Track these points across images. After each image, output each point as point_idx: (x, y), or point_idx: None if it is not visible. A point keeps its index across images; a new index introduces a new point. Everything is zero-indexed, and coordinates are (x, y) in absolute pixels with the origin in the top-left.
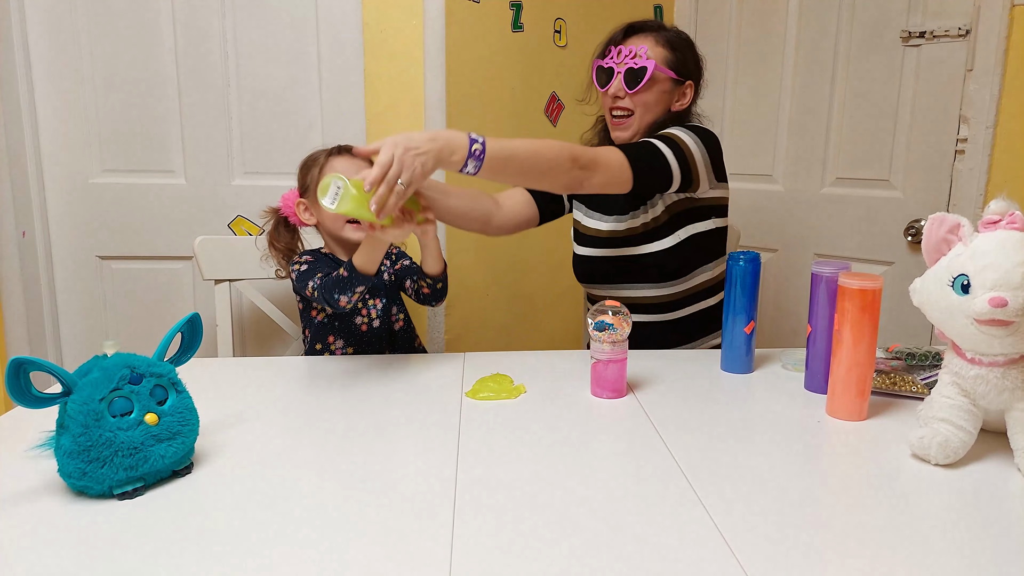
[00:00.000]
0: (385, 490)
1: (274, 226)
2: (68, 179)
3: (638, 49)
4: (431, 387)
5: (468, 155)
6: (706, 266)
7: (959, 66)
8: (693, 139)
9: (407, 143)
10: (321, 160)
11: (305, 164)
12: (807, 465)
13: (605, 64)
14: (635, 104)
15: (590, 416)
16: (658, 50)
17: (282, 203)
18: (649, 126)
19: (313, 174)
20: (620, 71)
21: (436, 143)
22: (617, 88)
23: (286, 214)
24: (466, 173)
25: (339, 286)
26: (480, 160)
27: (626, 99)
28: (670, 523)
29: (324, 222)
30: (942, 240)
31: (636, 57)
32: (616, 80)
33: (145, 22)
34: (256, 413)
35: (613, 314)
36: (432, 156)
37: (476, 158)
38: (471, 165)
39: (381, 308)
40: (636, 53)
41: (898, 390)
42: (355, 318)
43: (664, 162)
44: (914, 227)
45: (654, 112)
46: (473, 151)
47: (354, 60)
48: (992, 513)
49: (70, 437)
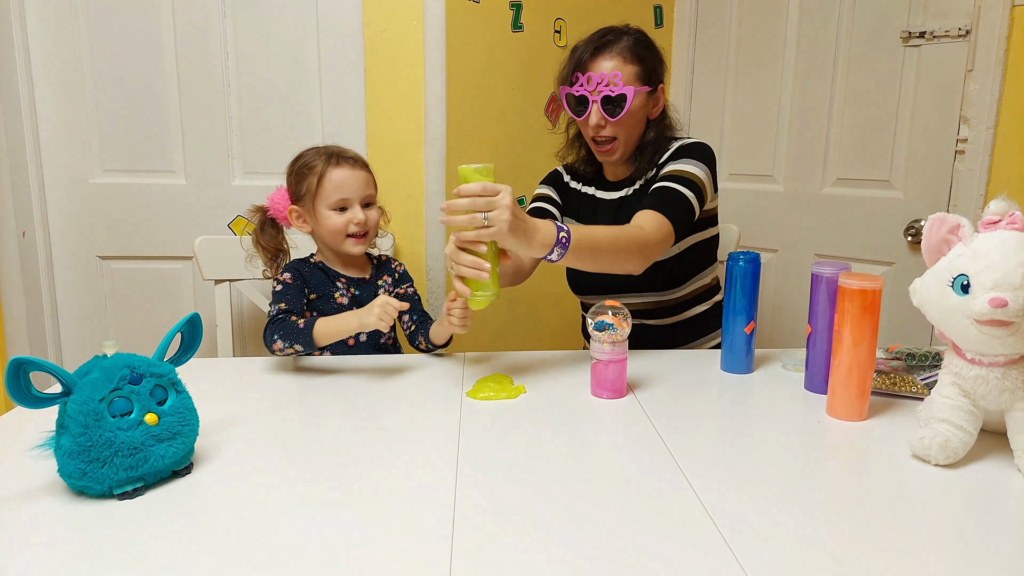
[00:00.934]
0: (385, 490)
1: (260, 225)
2: (68, 179)
3: (610, 76)
4: (431, 387)
5: (556, 243)
6: (702, 273)
7: (959, 66)
8: (702, 169)
9: (514, 202)
10: (319, 169)
11: (299, 171)
12: (807, 465)
13: (576, 92)
14: (618, 131)
15: (590, 416)
16: (628, 68)
17: (269, 203)
18: (635, 144)
19: (310, 183)
20: (595, 99)
21: (527, 218)
22: (598, 118)
23: (273, 215)
24: (547, 259)
25: (284, 333)
26: (565, 247)
27: (608, 127)
28: (670, 523)
29: (322, 233)
30: (942, 240)
31: (611, 84)
32: (594, 109)
33: (145, 22)
34: (256, 413)
35: (613, 314)
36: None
37: (562, 246)
38: (556, 252)
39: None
40: (609, 80)
41: (898, 390)
42: None
43: (690, 207)
44: (914, 227)
45: (637, 131)
46: (560, 239)
47: (354, 60)
48: (992, 513)
49: (70, 437)
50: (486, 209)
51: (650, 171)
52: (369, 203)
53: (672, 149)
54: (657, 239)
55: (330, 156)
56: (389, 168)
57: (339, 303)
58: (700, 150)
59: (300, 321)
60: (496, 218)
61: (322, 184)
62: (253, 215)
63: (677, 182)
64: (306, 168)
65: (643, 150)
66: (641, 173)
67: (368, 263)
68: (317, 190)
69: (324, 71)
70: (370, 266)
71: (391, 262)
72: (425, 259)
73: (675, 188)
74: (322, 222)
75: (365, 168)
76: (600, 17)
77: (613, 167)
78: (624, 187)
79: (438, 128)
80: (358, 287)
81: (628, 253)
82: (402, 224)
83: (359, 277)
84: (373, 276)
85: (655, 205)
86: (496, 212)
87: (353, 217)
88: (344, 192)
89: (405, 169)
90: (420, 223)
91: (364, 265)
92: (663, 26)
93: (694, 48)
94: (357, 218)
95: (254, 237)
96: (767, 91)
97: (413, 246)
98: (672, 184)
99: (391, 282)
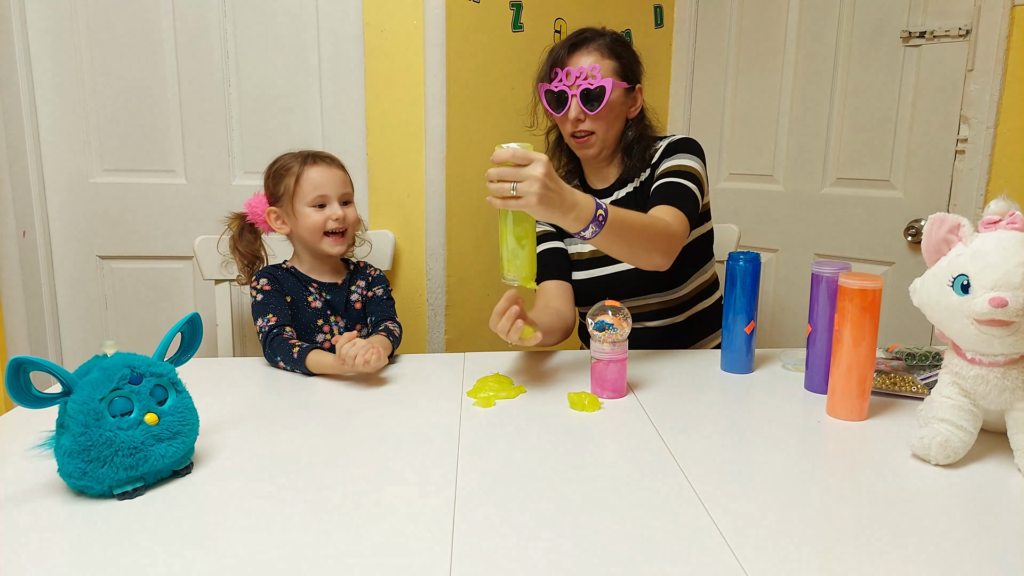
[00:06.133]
0: (385, 490)
1: (238, 231)
2: (68, 179)
3: (588, 69)
4: (431, 387)
5: (592, 219)
6: (702, 269)
7: (959, 66)
8: (697, 162)
9: (549, 170)
10: (295, 169)
11: (276, 172)
12: (807, 465)
13: (555, 88)
14: (597, 125)
15: (590, 416)
16: (606, 63)
17: (247, 209)
18: (614, 141)
19: (287, 184)
20: (574, 93)
21: (564, 190)
22: (577, 112)
23: (252, 220)
24: (579, 236)
25: (284, 357)
26: (601, 226)
27: (587, 121)
28: (670, 523)
29: (300, 232)
30: (942, 240)
31: (590, 78)
32: (572, 103)
33: (145, 22)
34: (256, 413)
35: (613, 314)
36: (555, 196)
37: (598, 223)
38: (590, 230)
39: (343, 327)
40: (588, 74)
41: (898, 390)
42: (317, 336)
43: (696, 200)
44: (914, 227)
45: (616, 127)
46: (597, 216)
47: (354, 60)
48: (992, 513)
49: (70, 437)
50: (514, 179)
51: (643, 170)
52: (347, 201)
53: (663, 146)
54: (682, 233)
55: (306, 157)
56: (389, 168)
57: (313, 307)
58: (691, 145)
59: (295, 350)
60: (524, 189)
61: (300, 183)
62: (232, 221)
63: (680, 176)
64: (283, 169)
65: (629, 150)
66: (633, 173)
67: (343, 268)
68: (295, 189)
69: (324, 71)
70: (345, 270)
71: (367, 268)
72: (425, 259)
73: (680, 183)
74: (301, 220)
75: (341, 168)
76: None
77: (598, 172)
78: (615, 190)
79: (438, 128)
80: (330, 292)
81: (658, 243)
82: (402, 224)
83: (331, 283)
84: (346, 282)
85: (666, 200)
86: (525, 184)
87: (332, 213)
88: (322, 189)
89: (405, 169)
90: (420, 223)
91: (338, 269)
92: (663, 26)
93: (694, 48)
94: (336, 214)
95: (231, 243)
96: (767, 91)
97: (413, 246)
98: (676, 179)
99: (364, 286)
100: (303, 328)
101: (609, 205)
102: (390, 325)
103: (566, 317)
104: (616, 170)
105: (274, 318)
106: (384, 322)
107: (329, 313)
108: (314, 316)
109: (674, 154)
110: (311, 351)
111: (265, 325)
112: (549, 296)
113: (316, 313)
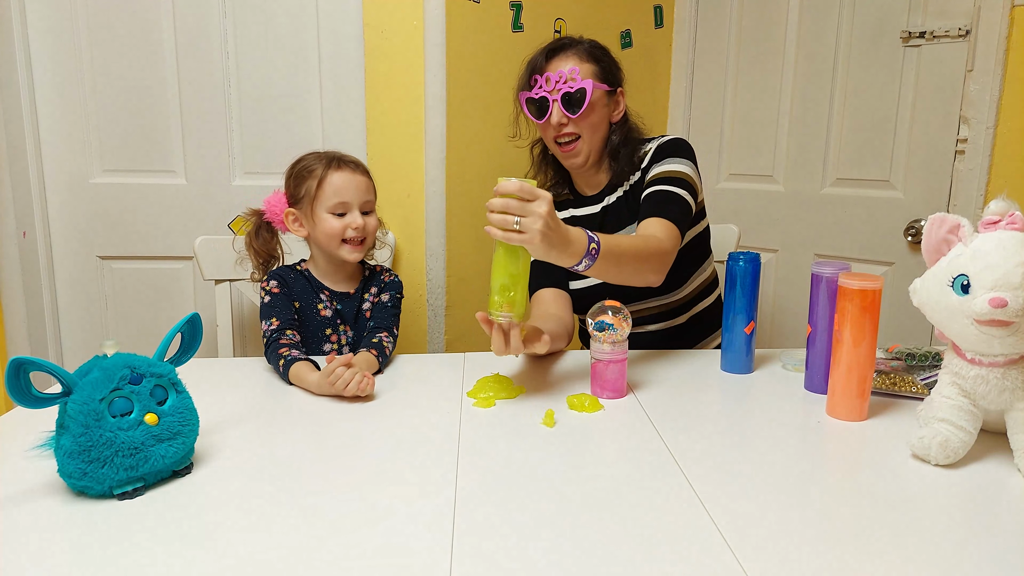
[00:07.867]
0: (386, 490)
1: (255, 228)
2: (68, 179)
3: (568, 73)
4: (432, 387)
5: (585, 254)
6: (700, 268)
7: (959, 66)
8: (688, 165)
9: (552, 209)
10: (319, 172)
11: (299, 174)
12: (807, 465)
13: (536, 95)
14: (581, 128)
15: (590, 416)
16: (586, 66)
17: (266, 207)
18: (600, 147)
19: (309, 186)
20: (555, 98)
21: (562, 228)
22: (559, 116)
23: (270, 219)
24: (574, 269)
25: (272, 362)
26: (594, 259)
27: (570, 124)
28: (670, 523)
29: (318, 237)
30: (942, 240)
31: (570, 81)
32: (554, 108)
33: (145, 22)
34: (256, 413)
35: (613, 314)
36: (556, 235)
37: (591, 256)
38: (584, 263)
39: (352, 337)
40: (567, 77)
41: (898, 390)
42: (324, 344)
43: (688, 207)
44: (914, 227)
45: (601, 131)
46: (590, 250)
47: (354, 60)
48: (992, 513)
49: (70, 437)
50: (519, 214)
51: (632, 174)
52: (368, 210)
53: (652, 149)
54: (672, 247)
55: (331, 160)
56: (389, 168)
57: (322, 315)
58: (680, 146)
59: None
60: (528, 225)
61: (322, 187)
62: (250, 217)
63: (669, 183)
64: (306, 171)
65: (615, 155)
66: (622, 177)
67: (359, 273)
68: (316, 193)
69: (324, 71)
70: (360, 277)
71: (382, 272)
72: (425, 259)
73: (670, 190)
74: (319, 225)
75: (366, 174)
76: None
77: (587, 178)
78: (605, 195)
79: (438, 128)
80: (340, 301)
81: (650, 263)
82: (402, 224)
83: (343, 291)
84: (359, 291)
85: (657, 211)
86: (529, 219)
87: (351, 222)
88: (343, 196)
89: (405, 169)
90: (420, 223)
91: (353, 276)
92: (663, 26)
93: (694, 48)
94: (355, 223)
95: (247, 239)
96: (767, 91)
97: (413, 246)
98: (665, 187)
99: (376, 292)
100: (311, 335)
101: (600, 235)
102: (384, 340)
103: (567, 322)
104: (605, 176)
105: (276, 322)
106: (379, 332)
107: (339, 322)
108: (323, 325)
109: (664, 158)
110: (295, 364)
111: (267, 328)
112: (547, 303)
113: (325, 322)
